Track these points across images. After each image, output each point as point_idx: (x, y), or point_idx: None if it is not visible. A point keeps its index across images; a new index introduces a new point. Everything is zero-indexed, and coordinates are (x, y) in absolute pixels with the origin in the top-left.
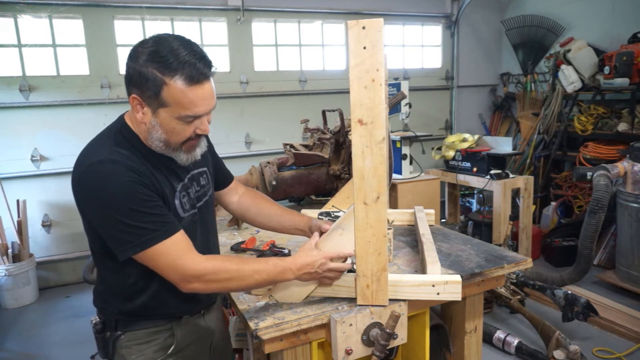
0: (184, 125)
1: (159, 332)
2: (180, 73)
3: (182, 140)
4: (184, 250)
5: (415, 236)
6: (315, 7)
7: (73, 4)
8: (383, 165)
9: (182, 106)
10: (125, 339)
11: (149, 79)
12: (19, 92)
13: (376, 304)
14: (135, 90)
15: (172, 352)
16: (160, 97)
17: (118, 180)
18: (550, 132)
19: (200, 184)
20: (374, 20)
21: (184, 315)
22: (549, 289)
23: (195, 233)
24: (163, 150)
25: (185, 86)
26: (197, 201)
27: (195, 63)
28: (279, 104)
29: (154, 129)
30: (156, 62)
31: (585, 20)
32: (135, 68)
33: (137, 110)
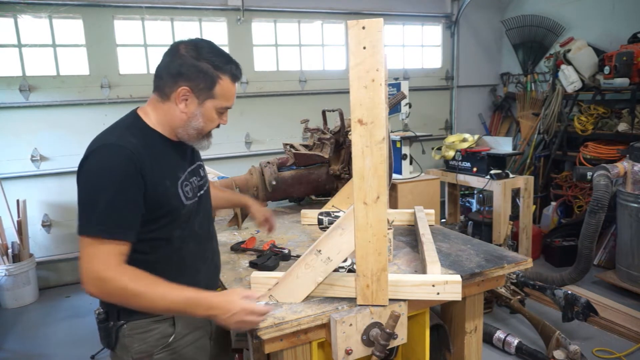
0: (217, 116)
1: (160, 322)
2: (229, 72)
3: (211, 129)
4: (108, 255)
5: (415, 236)
6: (315, 7)
7: (73, 4)
8: (383, 165)
9: (226, 99)
10: (127, 328)
11: (205, 72)
12: (19, 92)
13: (376, 304)
14: (185, 82)
15: (173, 340)
16: (214, 90)
17: (112, 163)
18: (550, 132)
19: (200, 175)
20: (374, 20)
21: None
22: (549, 289)
23: (196, 219)
24: (192, 138)
25: (230, 83)
26: (199, 190)
27: (234, 63)
28: (279, 104)
29: (194, 118)
30: (209, 60)
31: (585, 20)
32: (186, 63)
33: (180, 102)
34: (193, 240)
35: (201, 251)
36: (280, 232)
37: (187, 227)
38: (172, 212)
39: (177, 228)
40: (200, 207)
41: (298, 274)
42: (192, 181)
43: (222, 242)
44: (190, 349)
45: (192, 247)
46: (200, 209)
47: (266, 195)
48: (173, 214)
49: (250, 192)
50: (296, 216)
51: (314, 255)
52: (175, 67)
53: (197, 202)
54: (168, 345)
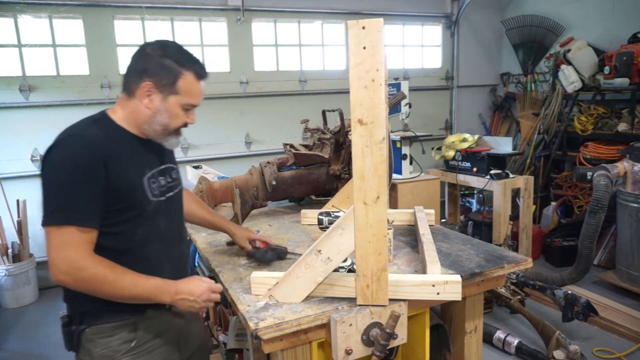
0: (183, 112)
1: (122, 327)
2: (193, 68)
3: (178, 126)
4: (79, 243)
5: (415, 236)
6: (315, 7)
7: (73, 4)
8: (383, 165)
9: (190, 95)
10: (89, 333)
11: (168, 68)
12: (19, 92)
13: (376, 304)
14: (149, 78)
15: (135, 345)
16: (176, 85)
17: (70, 151)
18: (550, 132)
19: (172, 176)
20: (374, 20)
21: (148, 309)
22: (549, 289)
23: (162, 218)
24: (158, 134)
25: (194, 79)
26: (169, 191)
27: (199, 62)
28: (279, 104)
29: (159, 113)
30: (173, 57)
31: (585, 20)
32: (151, 60)
33: (144, 97)
34: (158, 239)
35: (167, 251)
36: (280, 232)
37: (152, 225)
38: (136, 205)
39: (141, 225)
40: (169, 208)
41: (298, 274)
42: (159, 180)
43: (222, 243)
44: (154, 355)
45: (157, 246)
46: (168, 210)
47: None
48: (137, 207)
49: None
50: (296, 216)
51: (314, 255)
52: (141, 64)
53: (165, 202)
54: (130, 351)
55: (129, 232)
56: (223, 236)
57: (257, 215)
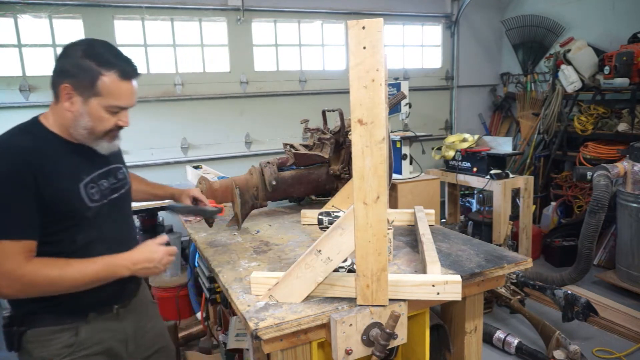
0: (109, 115)
1: (62, 331)
2: (116, 68)
3: (105, 130)
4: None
5: (415, 236)
6: (315, 7)
7: (73, 4)
8: (383, 165)
9: (114, 97)
10: (30, 335)
11: (85, 69)
12: (19, 92)
13: (376, 304)
14: (68, 80)
15: (77, 350)
16: (95, 87)
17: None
18: (550, 132)
19: (117, 177)
20: (374, 20)
21: (90, 313)
22: (549, 289)
23: (105, 222)
24: (86, 139)
25: (119, 80)
26: (112, 193)
27: (127, 61)
28: (279, 104)
29: (81, 116)
30: (94, 57)
31: (585, 20)
32: (70, 61)
33: (65, 99)
34: (102, 244)
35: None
36: (280, 232)
37: (94, 230)
38: (73, 213)
39: (81, 231)
40: (113, 210)
41: (298, 274)
42: (100, 184)
43: (222, 243)
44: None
45: (101, 249)
46: (113, 212)
47: (266, 195)
48: (74, 215)
49: (250, 192)
50: (296, 216)
51: (314, 255)
52: (60, 66)
53: (108, 205)
54: (70, 355)
55: (68, 239)
56: (223, 236)
57: (257, 215)
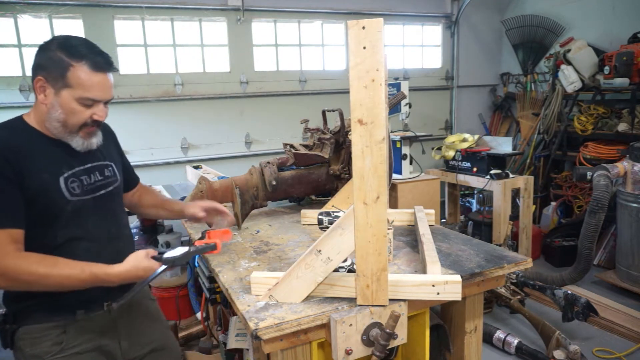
0: (82, 108)
1: (52, 328)
2: (86, 59)
3: (79, 123)
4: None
5: (415, 236)
6: (315, 7)
7: (73, 4)
8: (383, 165)
9: (84, 88)
10: (21, 332)
11: (56, 61)
12: (19, 92)
13: (376, 304)
14: (41, 73)
15: (66, 347)
16: (65, 78)
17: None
18: (550, 132)
19: (103, 174)
20: (374, 20)
21: (78, 311)
22: (549, 289)
23: (90, 218)
24: (60, 133)
25: (90, 71)
26: (97, 190)
27: (101, 54)
28: (279, 104)
29: (53, 108)
30: (66, 49)
31: (585, 20)
32: (44, 55)
33: (39, 92)
34: (87, 239)
35: (98, 251)
36: (280, 232)
37: (76, 226)
38: (51, 205)
39: (62, 227)
40: (99, 207)
41: (298, 274)
42: (83, 179)
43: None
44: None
45: (85, 245)
46: (98, 209)
47: (266, 195)
48: (53, 208)
49: (250, 192)
50: (296, 216)
51: (314, 255)
52: (35, 60)
53: (93, 201)
54: (60, 352)
55: (50, 233)
56: None
57: (257, 215)
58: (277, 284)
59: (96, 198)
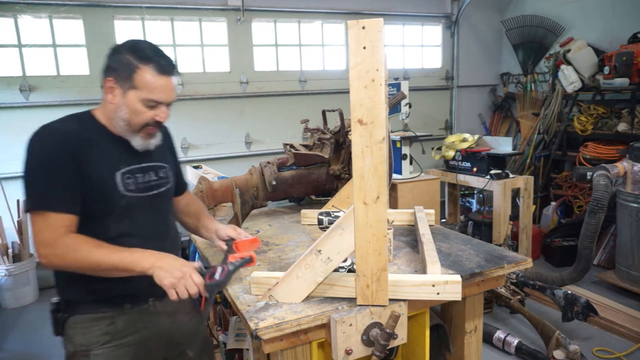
0: (146, 109)
1: (100, 319)
2: (152, 63)
3: (142, 123)
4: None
5: (415, 236)
6: (315, 7)
7: (73, 4)
8: (383, 165)
9: (149, 90)
10: (72, 321)
11: (125, 64)
12: (19, 92)
13: (376, 304)
14: (111, 74)
15: (112, 339)
16: (132, 80)
17: (43, 141)
18: (550, 132)
19: (158, 175)
20: (374, 20)
21: (126, 304)
22: (549, 289)
23: (141, 215)
24: (124, 131)
25: (154, 74)
26: (151, 189)
27: (166, 58)
28: (279, 104)
29: (120, 108)
30: (134, 52)
31: (585, 20)
32: (115, 58)
33: (108, 92)
34: (137, 236)
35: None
36: (280, 232)
37: (129, 221)
38: (106, 198)
39: (115, 219)
40: (151, 205)
41: (298, 274)
42: (138, 177)
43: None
44: (129, 350)
45: (134, 241)
46: (150, 207)
47: (266, 195)
48: (108, 201)
49: (250, 192)
50: (296, 216)
51: (314, 255)
52: (107, 62)
53: (146, 199)
54: (106, 343)
55: (103, 225)
56: None
57: (257, 215)
58: (277, 284)
59: (149, 197)
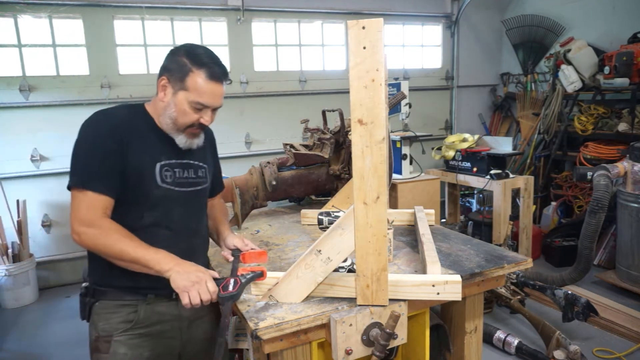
0: (192, 110)
1: (124, 306)
2: (205, 68)
3: (187, 123)
4: (94, 206)
5: (415, 236)
6: (315, 7)
7: (73, 4)
8: (383, 165)
9: (198, 93)
10: (98, 307)
11: (180, 65)
12: (19, 92)
13: (376, 304)
14: (166, 74)
15: (133, 327)
16: (184, 81)
17: (96, 125)
18: (550, 132)
19: (197, 173)
20: (374, 20)
21: (149, 295)
22: (549, 289)
23: (175, 209)
24: (169, 128)
25: (205, 79)
26: (188, 185)
27: (219, 65)
28: (279, 104)
29: (169, 106)
30: (190, 56)
31: (585, 20)
32: (172, 59)
33: (161, 90)
34: (168, 228)
35: (176, 241)
36: (280, 232)
37: (162, 213)
38: (144, 186)
39: (150, 209)
40: (188, 201)
41: (298, 274)
42: (177, 171)
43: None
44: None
45: (166, 233)
46: (186, 202)
47: (266, 195)
48: (145, 189)
49: (250, 192)
50: (296, 216)
51: (314, 255)
52: (164, 63)
53: (181, 194)
54: (127, 331)
55: (138, 212)
56: None
57: (257, 215)
58: (277, 284)
59: (184, 192)
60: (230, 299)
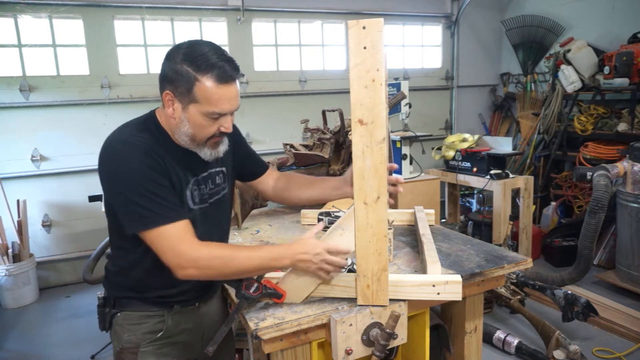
0: (210, 121)
1: (150, 317)
2: (211, 71)
3: (207, 136)
4: (183, 237)
5: (415, 236)
6: (315, 7)
7: (73, 4)
8: (383, 165)
9: (211, 103)
10: (120, 318)
11: (183, 76)
12: (19, 92)
13: (376, 304)
14: (169, 86)
15: (161, 336)
16: (192, 93)
17: (132, 161)
18: (550, 132)
19: (215, 182)
20: (374, 20)
21: (176, 305)
22: (549, 289)
23: (199, 227)
24: (189, 145)
25: (215, 84)
26: (206, 200)
27: (225, 65)
28: (279, 104)
29: (182, 123)
30: (190, 62)
31: (585, 20)
32: (171, 67)
33: (168, 106)
34: None
35: None
36: (280, 232)
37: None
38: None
39: None
40: (208, 215)
41: (298, 273)
42: (201, 188)
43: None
44: (176, 347)
45: None
46: (207, 217)
47: None
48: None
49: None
50: (296, 216)
51: None
52: (163, 71)
53: (203, 210)
54: (155, 341)
55: None
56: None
57: (257, 215)
58: (277, 284)
59: (203, 208)
60: (245, 299)
